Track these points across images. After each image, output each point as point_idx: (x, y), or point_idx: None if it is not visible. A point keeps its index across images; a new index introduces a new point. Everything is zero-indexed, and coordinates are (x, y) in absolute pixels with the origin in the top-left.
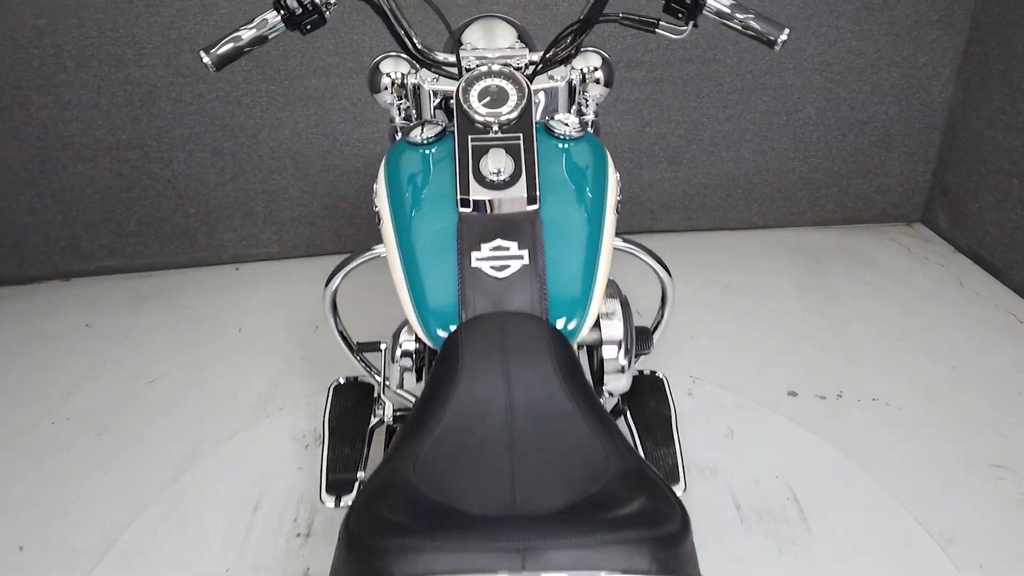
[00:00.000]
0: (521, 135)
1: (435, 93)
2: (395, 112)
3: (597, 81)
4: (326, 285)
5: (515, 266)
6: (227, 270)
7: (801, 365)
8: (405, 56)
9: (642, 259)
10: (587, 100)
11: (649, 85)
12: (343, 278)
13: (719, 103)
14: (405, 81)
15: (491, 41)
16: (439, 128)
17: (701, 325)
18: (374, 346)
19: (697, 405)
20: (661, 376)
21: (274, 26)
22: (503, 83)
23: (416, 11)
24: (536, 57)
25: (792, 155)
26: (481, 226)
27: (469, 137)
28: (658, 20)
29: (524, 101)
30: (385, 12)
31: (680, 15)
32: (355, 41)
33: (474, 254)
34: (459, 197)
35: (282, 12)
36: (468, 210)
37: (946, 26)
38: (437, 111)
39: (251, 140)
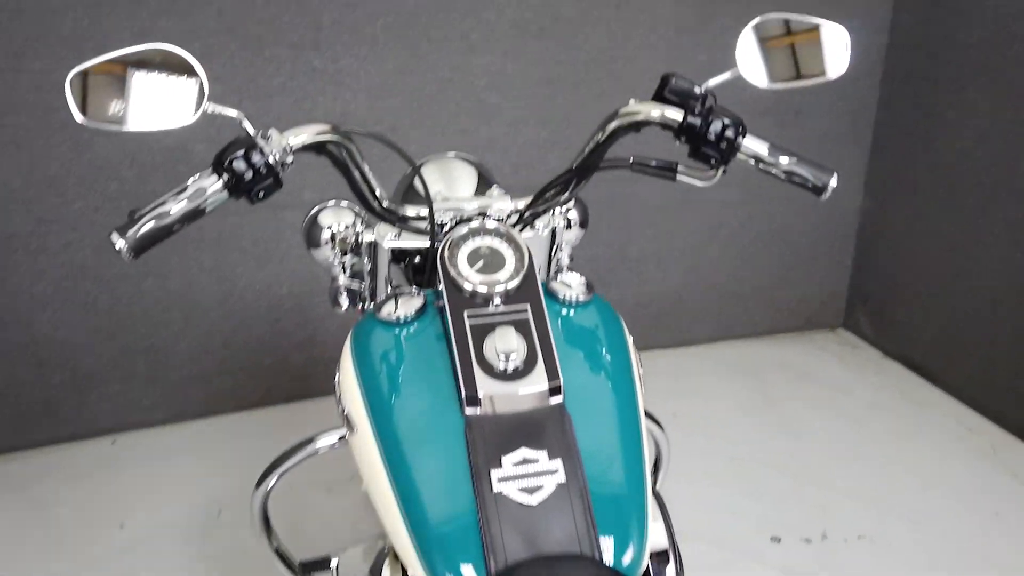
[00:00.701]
0: (528, 306)
1: (397, 251)
2: (339, 271)
3: (571, 224)
4: (256, 487)
5: (549, 485)
6: (101, 445)
7: (774, 501)
8: (348, 205)
9: None
10: (562, 245)
11: None
12: (279, 479)
13: (646, 221)
14: (360, 238)
15: (451, 186)
16: (420, 301)
17: None
18: (324, 564)
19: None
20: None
21: (213, 195)
22: (496, 242)
23: None
24: (522, 205)
25: (719, 269)
26: (497, 432)
27: (465, 313)
28: (677, 165)
29: (526, 264)
30: (348, 167)
31: (713, 160)
32: None
33: (494, 473)
34: (463, 394)
35: (226, 178)
36: (476, 410)
37: (852, 139)
38: (392, 266)
39: (132, 291)
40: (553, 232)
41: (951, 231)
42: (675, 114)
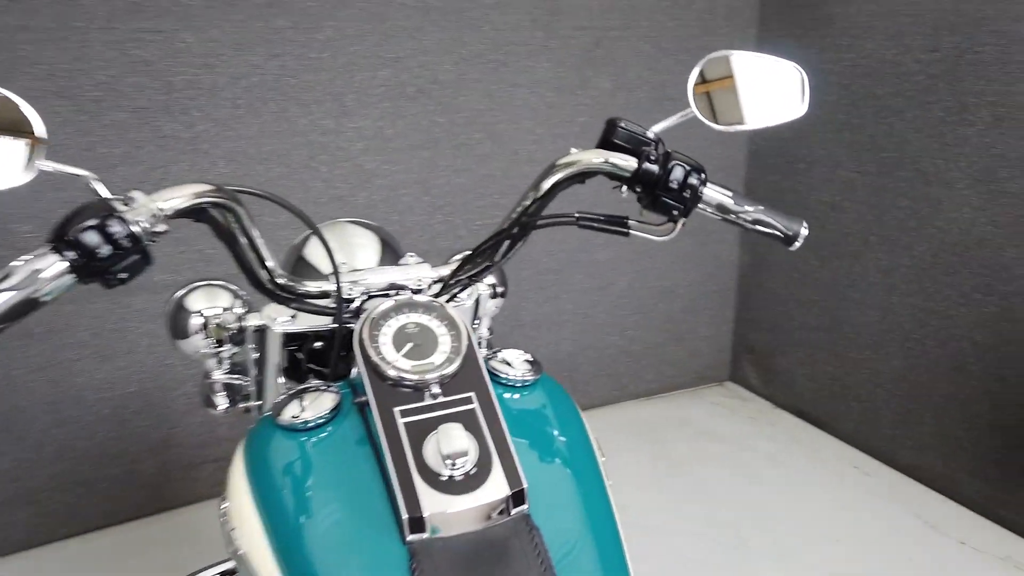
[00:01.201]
0: (474, 395)
1: (293, 336)
2: (214, 364)
3: (496, 293)
4: None
5: None
6: None
7: (696, 569)
8: (223, 284)
9: None
10: (482, 318)
11: None
12: None
13: (535, 285)
14: (242, 323)
15: (351, 255)
16: (332, 398)
17: None
18: None
19: None
20: None
21: (54, 280)
22: (425, 319)
23: None
24: (445, 272)
25: (610, 329)
26: (452, 562)
27: (396, 410)
28: (627, 219)
29: (464, 344)
30: (234, 235)
31: (675, 211)
32: None
33: None
34: (404, 516)
35: (72, 256)
36: (422, 536)
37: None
38: (286, 354)
39: None
40: (476, 303)
41: (828, 279)
42: (626, 162)
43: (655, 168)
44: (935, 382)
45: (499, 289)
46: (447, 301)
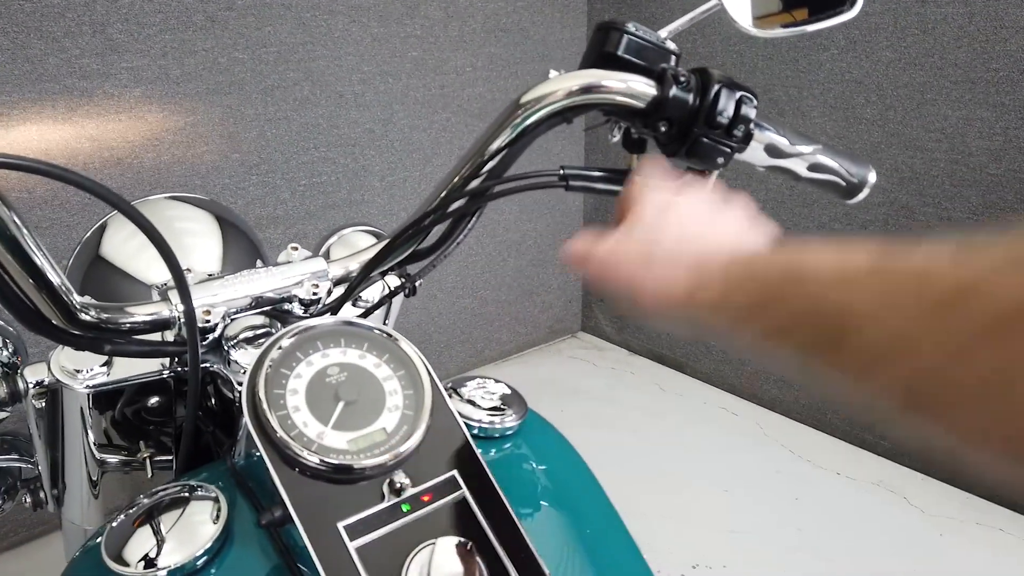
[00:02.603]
0: (456, 475)
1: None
2: None
3: (414, 288)
4: None
5: None
6: None
7: None
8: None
9: None
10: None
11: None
12: None
13: None
14: (14, 382)
15: (184, 253)
16: (213, 514)
17: None
18: None
19: None
20: None
21: None
22: (355, 356)
23: None
24: (354, 266)
25: (461, 292)
26: None
27: (341, 528)
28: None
29: (427, 389)
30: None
31: (721, 157)
32: None
33: None
34: None
35: None
36: None
37: (567, 137)
38: (100, 423)
39: None
40: (388, 307)
41: None
42: (642, 85)
43: (688, 96)
44: None
45: (419, 282)
46: (362, 315)
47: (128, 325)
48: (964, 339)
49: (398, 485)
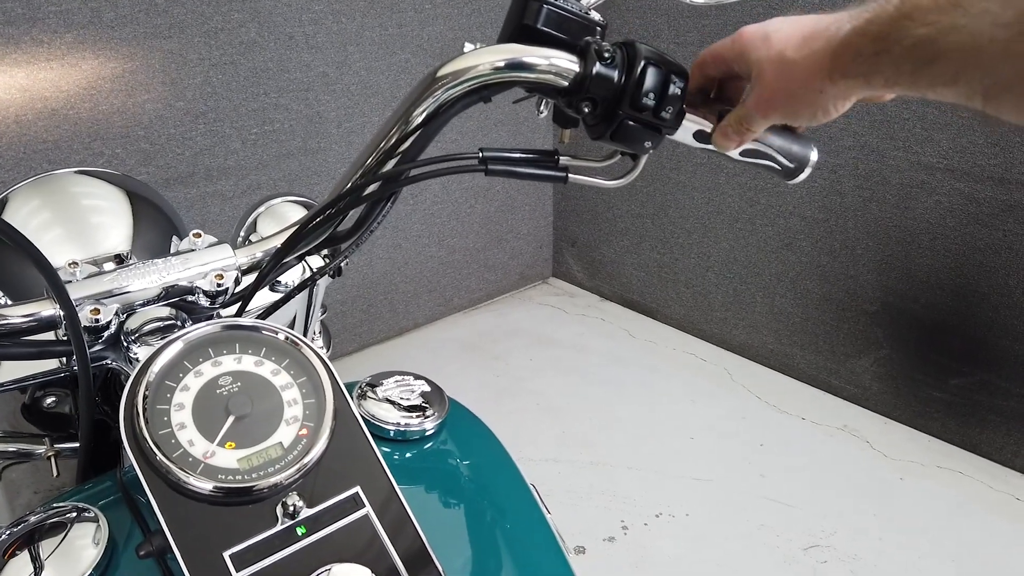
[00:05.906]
0: (360, 489)
1: None
2: None
3: (340, 269)
4: None
5: None
6: None
7: (565, 485)
8: None
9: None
10: (316, 303)
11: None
12: None
13: None
14: None
15: (86, 239)
16: (94, 539)
17: None
18: None
19: None
20: None
21: None
22: (249, 363)
23: None
24: (259, 253)
25: (427, 241)
26: None
27: (227, 558)
28: (558, 156)
29: (328, 395)
30: None
31: (647, 141)
32: None
33: None
34: None
35: None
36: None
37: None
38: None
39: None
40: (311, 291)
41: (651, 163)
42: (565, 62)
43: (613, 73)
44: (765, 261)
45: (343, 262)
46: (280, 300)
47: (8, 327)
48: None
49: (291, 507)
